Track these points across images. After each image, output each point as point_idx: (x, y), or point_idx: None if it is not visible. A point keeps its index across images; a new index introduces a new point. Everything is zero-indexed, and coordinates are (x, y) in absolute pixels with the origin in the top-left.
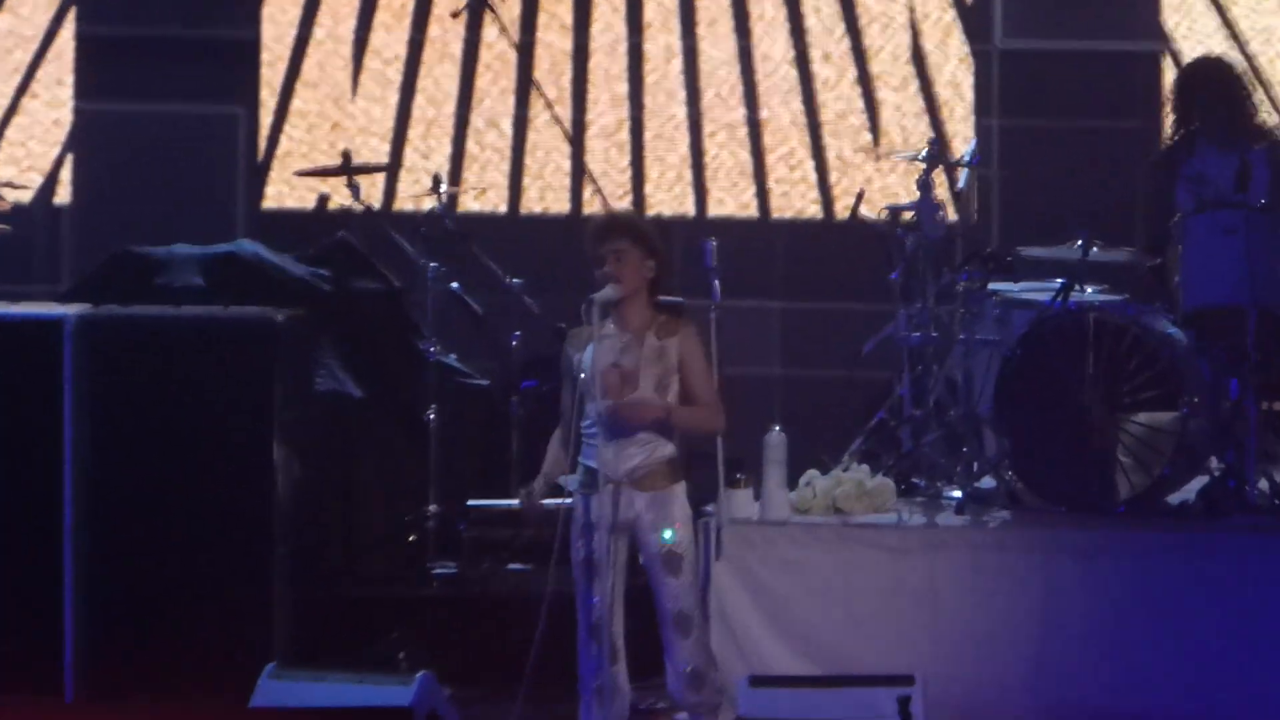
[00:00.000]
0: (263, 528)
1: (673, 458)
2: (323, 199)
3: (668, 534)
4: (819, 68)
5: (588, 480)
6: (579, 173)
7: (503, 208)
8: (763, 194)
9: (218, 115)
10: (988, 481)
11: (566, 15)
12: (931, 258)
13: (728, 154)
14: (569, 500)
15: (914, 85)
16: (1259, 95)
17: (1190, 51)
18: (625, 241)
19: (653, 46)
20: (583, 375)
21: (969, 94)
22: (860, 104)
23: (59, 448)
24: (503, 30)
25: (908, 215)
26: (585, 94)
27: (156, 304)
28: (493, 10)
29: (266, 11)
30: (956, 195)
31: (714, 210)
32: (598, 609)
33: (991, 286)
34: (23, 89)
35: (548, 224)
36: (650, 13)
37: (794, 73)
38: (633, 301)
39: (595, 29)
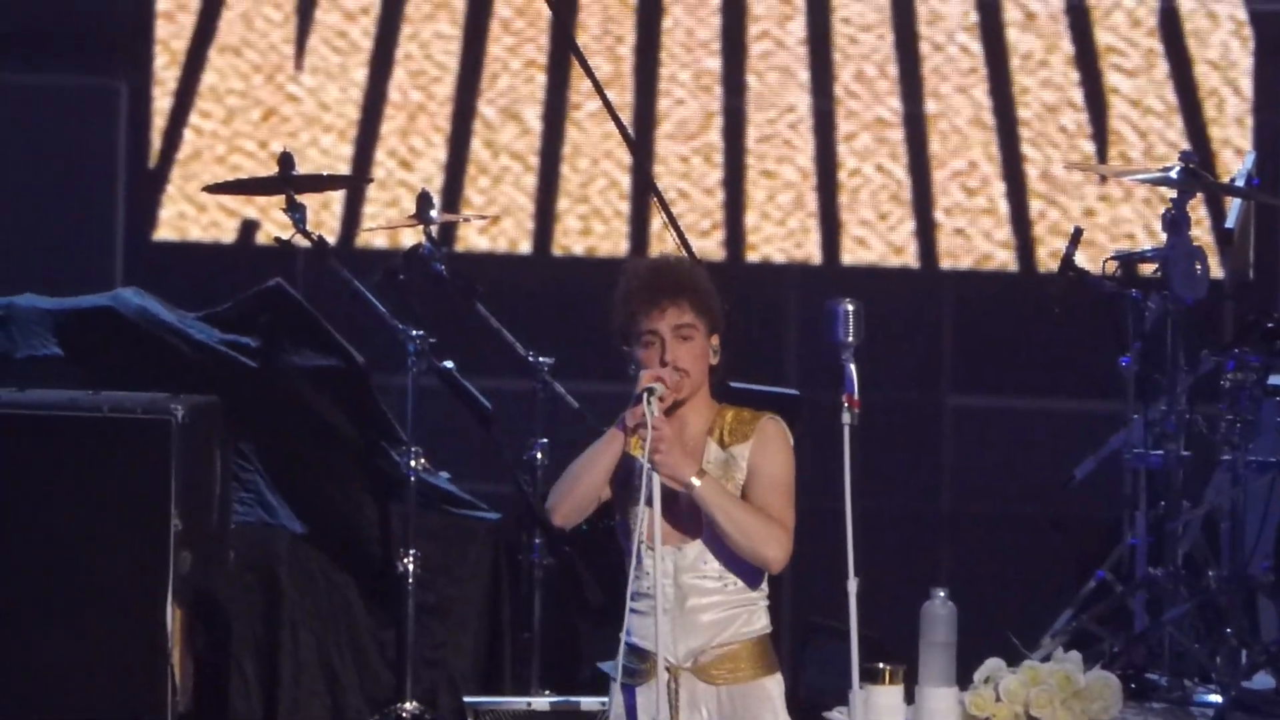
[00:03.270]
0: None
1: (763, 635)
2: (248, 227)
3: None
4: (1016, 37)
5: (634, 665)
6: (643, 194)
7: (525, 245)
8: (926, 231)
9: (87, 91)
10: (1264, 679)
11: None
12: (1184, 333)
13: (873, 169)
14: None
15: (1161, 66)
16: None
17: None
18: (690, 312)
19: (760, 2)
20: (635, 496)
21: (1247, 80)
22: (1077, 95)
23: None
24: None
25: (1148, 267)
26: (656, 70)
27: None
28: None
29: None
30: (1225, 238)
31: (851, 255)
32: None
33: (1276, 380)
34: None
35: (592, 272)
36: None
37: (976, 45)
38: (697, 394)
39: None
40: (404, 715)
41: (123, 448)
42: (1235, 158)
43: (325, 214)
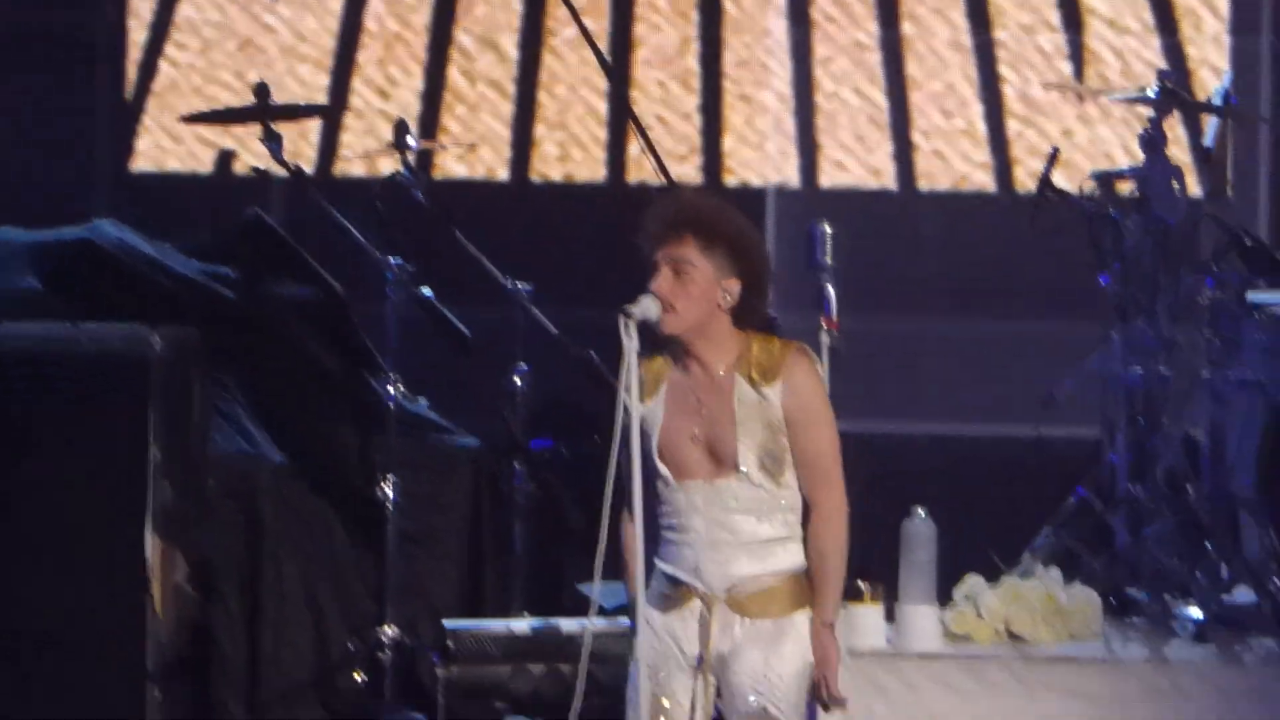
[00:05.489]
0: (128, 660)
1: (799, 570)
2: (225, 157)
3: (766, 677)
4: None
5: (667, 591)
6: (620, 120)
7: (503, 173)
8: (903, 153)
9: (63, 25)
10: (1244, 594)
11: None
12: (1163, 252)
13: (850, 92)
14: (594, 621)
15: None
16: None
17: None
18: (693, 248)
19: None
20: (654, 437)
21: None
22: (1054, 15)
23: None
24: None
25: (1126, 186)
26: None
27: None
28: None
29: None
30: (1203, 157)
31: (829, 178)
32: None
33: (1254, 297)
34: None
35: (571, 198)
36: None
37: None
38: (706, 334)
39: None
40: (384, 640)
41: (101, 380)
42: (1212, 77)
43: (303, 144)
